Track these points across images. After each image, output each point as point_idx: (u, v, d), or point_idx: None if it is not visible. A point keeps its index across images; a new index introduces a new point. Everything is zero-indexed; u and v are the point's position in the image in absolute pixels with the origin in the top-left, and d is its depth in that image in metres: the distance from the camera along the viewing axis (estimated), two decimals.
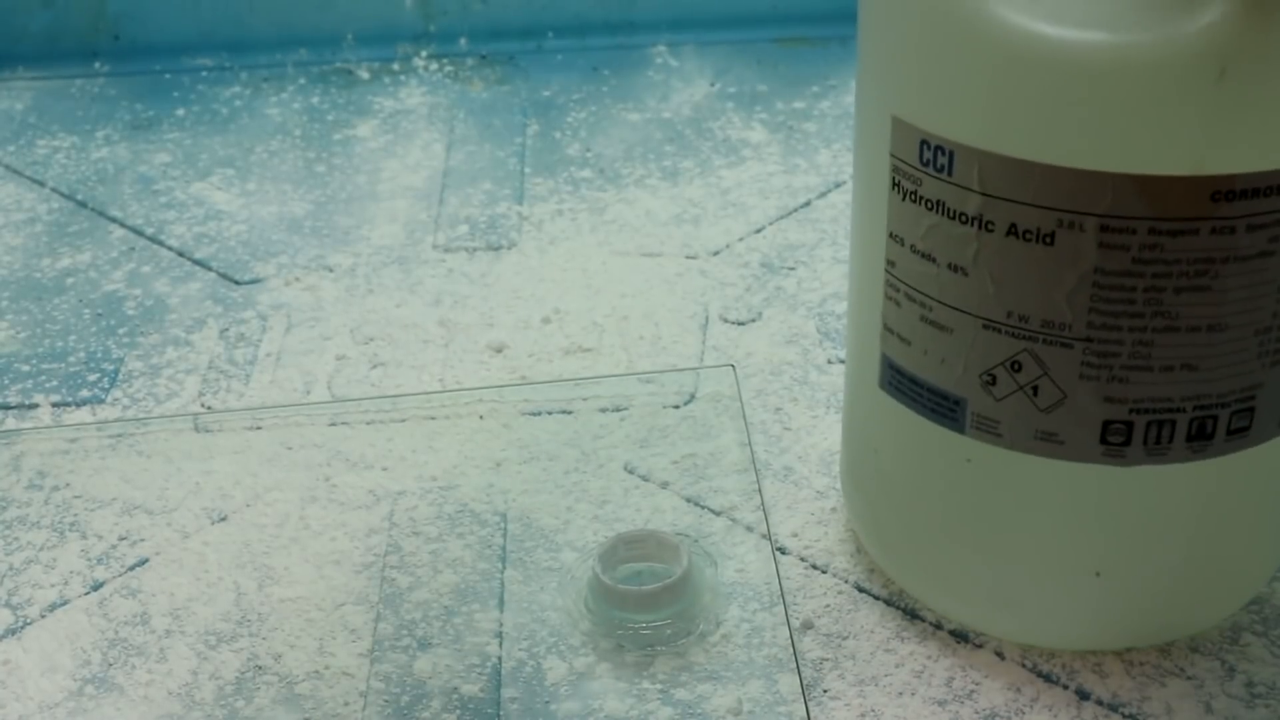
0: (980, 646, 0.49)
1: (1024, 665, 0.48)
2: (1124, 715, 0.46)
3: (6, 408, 0.64)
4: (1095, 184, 0.38)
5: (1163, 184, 0.37)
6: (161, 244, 0.78)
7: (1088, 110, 0.37)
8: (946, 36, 0.39)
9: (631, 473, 0.58)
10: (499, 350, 0.67)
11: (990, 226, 0.40)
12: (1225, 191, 0.37)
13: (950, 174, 0.40)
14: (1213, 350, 0.40)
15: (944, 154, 0.40)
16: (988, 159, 0.39)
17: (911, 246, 0.43)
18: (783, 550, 0.54)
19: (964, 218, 0.40)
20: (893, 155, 0.42)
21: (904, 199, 0.42)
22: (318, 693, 0.48)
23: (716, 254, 0.75)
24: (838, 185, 0.81)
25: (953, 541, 0.47)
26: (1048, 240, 0.39)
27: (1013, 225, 0.39)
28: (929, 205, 0.41)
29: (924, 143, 0.41)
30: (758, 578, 0.52)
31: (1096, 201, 0.38)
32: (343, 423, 0.62)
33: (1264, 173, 0.37)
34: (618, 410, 0.62)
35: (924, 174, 0.41)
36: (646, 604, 0.49)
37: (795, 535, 0.54)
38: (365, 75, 0.98)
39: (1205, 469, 0.43)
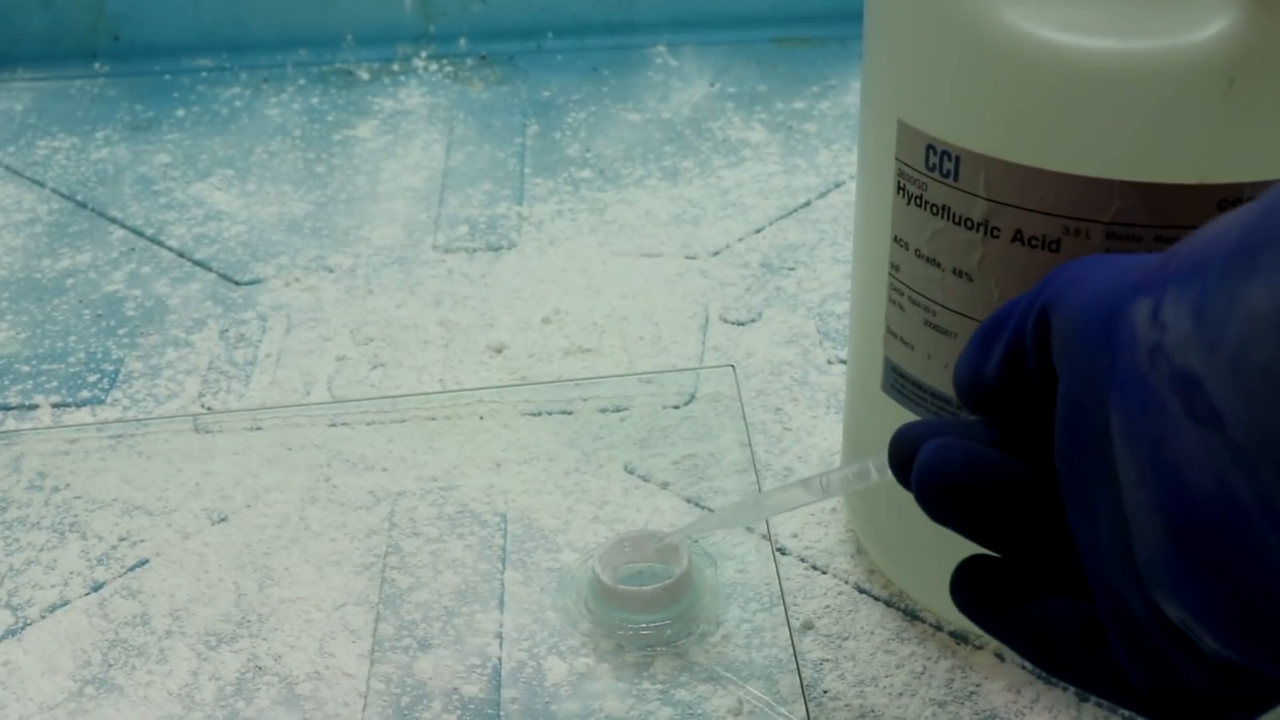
0: (980, 648, 0.49)
1: (1024, 667, 0.48)
2: (1124, 716, 0.46)
3: (6, 408, 0.64)
4: (1102, 191, 0.38)
5: (1169, 192, 0.37)
6: (161, 245, 0.78)
7: (1095, 117, 0.37)
8: (955, 42, 0.39)
9: (632, 473, 0.58)
10: (499, 351, 0.67)
11: (996, 232, 0.40)
12: (1232, 200, 0.37)
13: (956, 179, 0.40)
14: None
15: (950, 159, 0.40)
16: (994, 165, 0.39)
17: (916, 251, 0.43)
18: (783, 551, 0.54)
19: (969, 223, 0.40)
20: (898, 159, 0.42)
21: (909, 203, 0.42)
22: (318, 693, 0.48)
23: (716, 254, 0.75)
24: (838, 185, 0.81)
25: (953, 544, 0.47)
26: (1053, 247, 0.39)
27: (1018, 231, 0.39)
28: (934, 210, 0.41)
29: (930, 147, 0.41)
30: (758, 578, 0.52)
31: (1103, 209, 0.38)
32: (343, 423, 0.62)
33: (1270, 182, 0.37)
34: (618, 411, 0.62)
35: (929, 179, 0.41)
36: (647, 604, 0.49)
37: (795, 536, 0.55)
38: (365, 76, 0.98)
39: None
